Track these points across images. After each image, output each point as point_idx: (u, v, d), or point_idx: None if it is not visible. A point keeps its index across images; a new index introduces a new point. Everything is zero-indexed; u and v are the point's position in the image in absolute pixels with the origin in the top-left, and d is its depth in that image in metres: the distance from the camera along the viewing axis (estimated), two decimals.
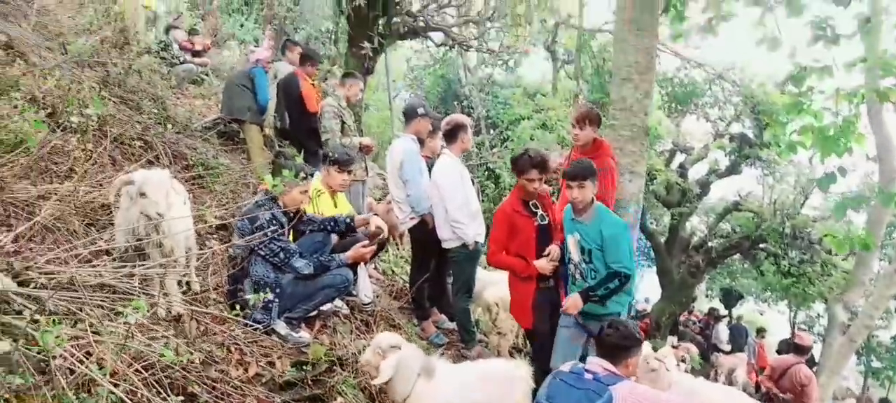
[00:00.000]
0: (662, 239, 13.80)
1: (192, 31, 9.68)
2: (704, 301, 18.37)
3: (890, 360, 14.94)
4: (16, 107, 4.24)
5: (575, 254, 3.98)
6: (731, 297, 16.72)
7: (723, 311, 15.64)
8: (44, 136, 3.89)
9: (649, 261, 17.57)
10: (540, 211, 4.32)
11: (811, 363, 8.25)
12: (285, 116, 6.25)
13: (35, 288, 2.70)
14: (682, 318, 13.65)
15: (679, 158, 13.59)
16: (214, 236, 4.82)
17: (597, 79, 13.35)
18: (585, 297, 3.85)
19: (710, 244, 13.45)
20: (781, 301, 16.72)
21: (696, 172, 13.53)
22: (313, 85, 6.23)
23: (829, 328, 10.98)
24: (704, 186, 13.29)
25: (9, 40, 5.22)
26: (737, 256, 14.51)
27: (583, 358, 3.48)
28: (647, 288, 18.51)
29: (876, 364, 14.92)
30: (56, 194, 3.67)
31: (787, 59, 4.62)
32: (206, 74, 9.54)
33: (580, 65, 13.92)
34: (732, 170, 12.98)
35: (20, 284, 2.65)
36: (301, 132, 6.16)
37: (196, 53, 9.29)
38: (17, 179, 3.50)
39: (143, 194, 3.39)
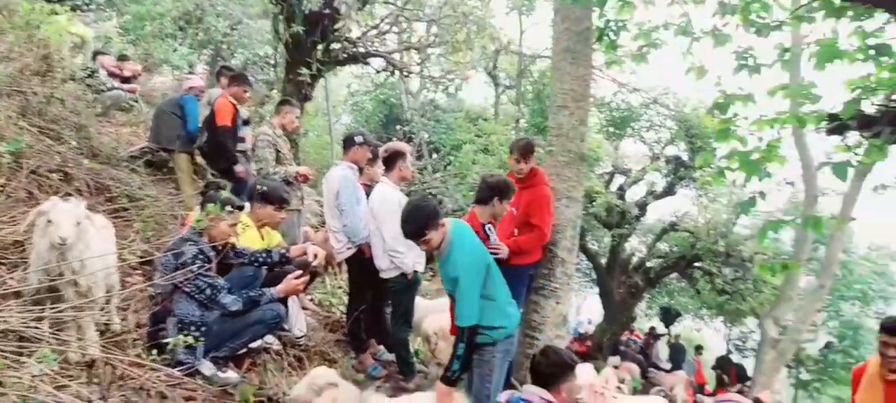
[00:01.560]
0: (603, 261, 14.04)
1: (121, 57, 9.31)
2: (644, 320, 18.69)
3: (817, 372, 15.59)
4: None
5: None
6: (669, 316, 17.10)
7: (662, 330, 15.98)
8: None
9: (591, 283, 17.81)
10: (493, 236, 4.25)
11: (744, 377, 8.49)
12: (204, 135, 6.13)
13: None
14: (623, 338, 13.87)
15: (618, 180, 13.90)
16: (138, 271, 4.57)
17: (538, 104, 13.60)
18: (447, 381, 3.35)
19: (648, 264, 13.78)
20: (717, 318, 17.15)
21: (635, 194, 13.86)
22: (232, 103, 6.05)
23: (761, 343, 11.40)
24: (642, 207, 13.62)
25: None
26: (674, 275, 14.86)
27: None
28: (589, 309, 18.74)
29: (805, 376, 15.53)
30: None
31: (714, 87, 4.78)
32: (136, 101, 9.17)
33: (521, 90, 14.15)
34: (668, 191, 13.36)
35: None
36: (212, 148, 6.03)
37: (125, 80, 8.93)
38: None
39: (49, 221, 3.20)
